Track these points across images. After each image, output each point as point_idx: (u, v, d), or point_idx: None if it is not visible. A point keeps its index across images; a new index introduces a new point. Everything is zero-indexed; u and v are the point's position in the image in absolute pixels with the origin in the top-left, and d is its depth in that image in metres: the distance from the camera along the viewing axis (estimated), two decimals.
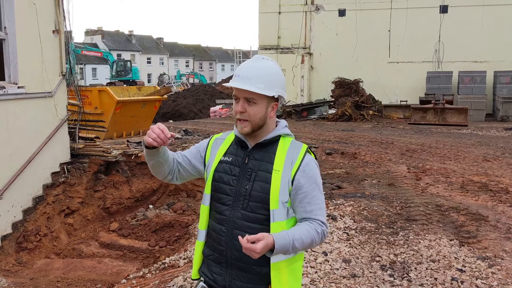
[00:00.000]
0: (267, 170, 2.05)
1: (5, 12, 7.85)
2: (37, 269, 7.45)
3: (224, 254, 2.09)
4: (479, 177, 8.03)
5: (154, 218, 8.89)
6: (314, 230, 2.00)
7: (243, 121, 2.05)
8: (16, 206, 7.93)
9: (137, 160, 9.82)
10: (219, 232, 2.10)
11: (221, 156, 2.17)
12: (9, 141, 7.81)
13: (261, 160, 2.08)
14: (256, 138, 2.12)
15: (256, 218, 2.03)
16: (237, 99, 2.07)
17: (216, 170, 2.15)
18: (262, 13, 22.82)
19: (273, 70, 2.07)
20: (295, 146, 2.11)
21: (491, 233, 5.37)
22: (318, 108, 18.58)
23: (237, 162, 2.12)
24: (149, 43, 73.64)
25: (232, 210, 2.07)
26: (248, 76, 2.02)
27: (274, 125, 2.14)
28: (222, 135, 2.28)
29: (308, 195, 2.03)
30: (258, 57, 2.11)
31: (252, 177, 2.06)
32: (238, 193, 2.08)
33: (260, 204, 2.03)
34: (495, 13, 19.30)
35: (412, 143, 11.62)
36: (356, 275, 4.34)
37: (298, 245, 1.94)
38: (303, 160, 2.06)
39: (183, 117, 25.99)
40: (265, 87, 2.02)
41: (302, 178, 2.03)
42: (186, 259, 5.28)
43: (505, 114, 17.11)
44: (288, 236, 1.91)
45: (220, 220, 2.11)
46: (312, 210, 2.04)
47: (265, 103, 2.06)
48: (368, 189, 7.36)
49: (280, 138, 2.13)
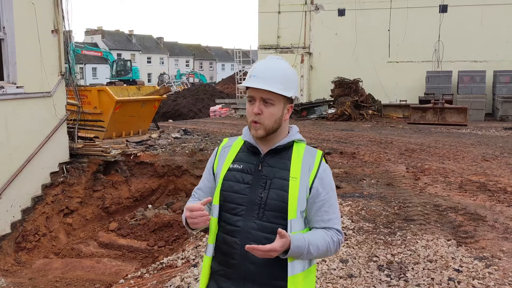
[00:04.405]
0: (283, 178, 1.95)
1: (4, 12, 7.85)
2: (36, 269, 7.45)
3: (237, 268, 1.95)
4: (478, 177, 8.03)
5: (153, 218, 8.90)
6: (330, 238, 1.93)
7: (257, 123, 1.95)
8: (15, 206, 7.94)
9: (136, 160, 9.83)
10: (232, 244, 1.96)
11: (230, 164, 2.05)
12: (8, 141, 7.82)
13: (276, 167, 1.98)
14: (268, 143, 2.02)
15: (273, 229, 1.88)
16: (252, 100, 1.98)
17: (225, 178, 2.02)
18: (262, 13, 22.84)
19: (289, 71, 2.01)
20: (310, 152, 2.03)
21: (488, 233, 5.37)
22: (318, 107, 18.60)
23: (249, 170, 2.00)
24: (149, 42, 73.62)
25: (246, 221, 1.95)
26: (266, 76, 1.94)
27: (287, 130, 2.06)
28: (228, 142, 2.15)
29: (326, 203, 1.97)
30: (273, 58, 2.04)
31: (267, 184, 1.95)
32: (252, 202, 1.95)
33: (277, 213, 1.92)
34: (494, 13, 19.31)
35: (411, 143, 11.62)
36: (353, 275, 4.34)
37: (313, 250, 1.87)
38: (320, 167, 1.99)
39: (182, 116, 26.01)
40: (284, 88, 1.94)
41: (320, 186, 1.96)
42: (184, 259, 5.29)
43: (504, 114, 17.11)
44: (304, 239, 1.84)
45: (232, 232, 1.97)
46: (330, 219, 1.97)
47: (282, 104, 1.97)
48: (367, 189, 7.36)
49: (294, 143, 2.04)
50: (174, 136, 12.19)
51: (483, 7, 19.34)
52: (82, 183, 9.21)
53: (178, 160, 9.84)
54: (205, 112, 26.26)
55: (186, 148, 10.48)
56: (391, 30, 20.76)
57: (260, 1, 22.92)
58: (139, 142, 11.09)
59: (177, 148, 10.50)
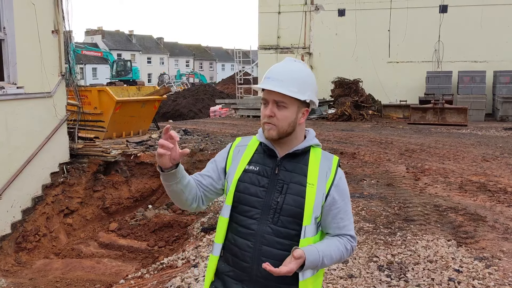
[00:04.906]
0: (300, 183, 1.93)
1: (4, 12, 7.85)
2: (36, 269, 7.45)
3: (249, 271, 1.93)
4: (478, 177, 8.03)
5: (153, 218, 8.89)
6: (344, 247, 1.95)
7: (271, 124, 1.92)
8: (15, 206, 7.94)
9: (136, 160, 9.84)
10: (245, 247, 1.94)
11: (246, 165, 2.00)
12: (8, 141, 7.82)
13: (293, 172, 1.95)
14: (285, 146, 1.98)
15: (287, 234, 1.90)
16: (265, 102, 1.94)
17: (240, 179, 1.98)
18: (262, 13, 22.84)
19: (306, 73, 1.96)
20: (327, 158, 2.01)
21: (489, 234, 5.37)
22: (318, 107, 18.59)
23: (266, 172, 1.97)
24: (149, 43, 73.63)
25: (261, 225, 1.92)
26: (280, 78, 1.90)
27: (303, 133, 2.02)
28: (242, 141, 2.11)
29: (342, 211, 1.97)
30: (290, 60, 1.98)
31: (284, 189, 1.93)
32: (268, 206, 1.93)
33: (292, 219, 1.91)
34: (494, 13, 19.30)
35: (411, 143, 11.62)
36: (353, 275, 4.35)
37: (327, 261, 1.88)
38: (337, 174, 1.97)
39: (183, 116, 26.02)
40: (298, 91, 1.89)
41: (336, 193, 1.95)
42: (184, 259, 5.29)
43: (504, 114, 17.11)
44: (318, 253, 1.84)
45: (246, 235, 1.94)
46: (344, 226, 1.98)
47: (296, 107, 1.93)
48: (367, 189, 7.36)
49: (311, 148, 2.01)
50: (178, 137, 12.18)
51: (483, 7, 19.33)
52: (82, 184, 9.21)
53: None
54: (205, 112, 26.28)
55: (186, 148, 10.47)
56: (391, 30, 20.76)
57: (260, 1, 22.92)
58: (139, 143, 11.09)
59: None
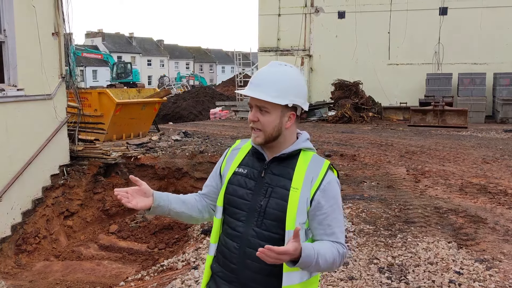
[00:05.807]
0: (284, 187, 1.90)
1: (4, 15, 7.86)
2: (36, 272, 7.45)
3: (236, 272, 1.94)
4: (478, 179, 8.03)
5: (154, 220, 8.89)
6: (336, 250, 1.86)
7: (257, 130, 1.92)
8: (15, 208, 7.94)
9: (136, 162, 9.84)
10: (232, 249, 1.95)
11: (236, 167, 2.03)
12: (8, 143, 7.82)
13: (279, 175, 1.93)
14: (273, 149, 1.96)
15: (271, 238, 1.87)
16: (250, 107, 1.95)
17: (230, 182, 2.01)
18: (262, 15, 22.87)
19: (289, 77, 1.90)
20: (316, 162, 1.94)
21: (489, 235, 5.37)
22: (318, 110, 18.59)
23: (253, 175, 1.97)
24: (149, 45, 73.70)
25: (246, 227, 1.93)
26: (260, 84, 1.89)
27: (293, 137, 1.98)
28: (238, 145, 2.13)
29: (329, 217, 1.88)
30: (275, 64, 1.94)
31: (268, 192, 1.91)
32: (253, 209, 1.92)
33: (276, 223, 1.87)
34: (494, 15, 19.33)
35: (412, 145, 11.62)
36: (354, 277, 4.34)
37: (321, 262, 1.78)
38: (324, 178, 1.90)
39: (183, 119, 26.05)
40: (277, 95, 1.86)
41: (322, 199, 1.87)
42: (184, 261, 5.28)
43: (504, 116, 17.11)
44: (313, 249, 1.76)
45: (233, 237, 1.96)
46: (333, 233, 1.89)
47: (279, 112, 1.90)
48: (367, 191, 7.36)
49: (301, 152, 1.97)
50: (175, 139, 12.19)
51: (483, 9, 19.36)
52: (83, 186, 9.21)
53: (178, 162, 9.84)
54: (205, 115, 26.30)
55: (186, 150, 10.49)
56: (391, 32, 20.78)
57: (260, 4, 22.96)
58: (139, 145, 11.10)
59: (177, 151, 10.50)
